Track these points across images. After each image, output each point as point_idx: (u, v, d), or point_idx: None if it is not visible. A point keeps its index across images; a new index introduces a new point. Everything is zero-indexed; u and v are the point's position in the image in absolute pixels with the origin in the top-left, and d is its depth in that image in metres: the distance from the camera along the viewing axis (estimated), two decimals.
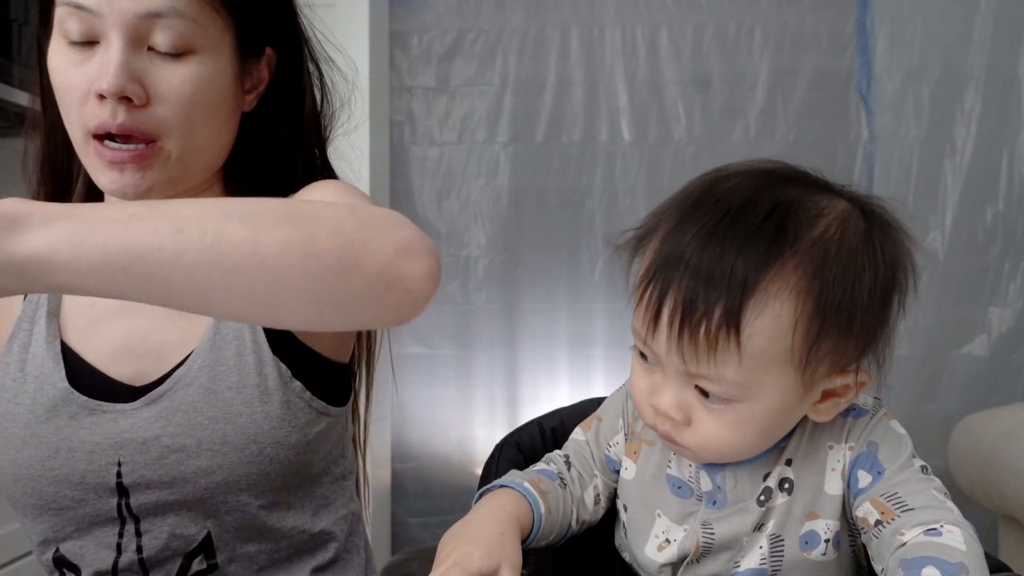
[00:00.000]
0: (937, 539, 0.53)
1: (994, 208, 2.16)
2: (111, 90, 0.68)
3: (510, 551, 0.60)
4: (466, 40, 2.28)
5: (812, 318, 0.54)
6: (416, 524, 2.29)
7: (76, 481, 0.74)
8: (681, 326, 0.54)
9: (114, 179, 0.72)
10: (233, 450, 0.73)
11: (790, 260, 0.54)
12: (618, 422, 0.72)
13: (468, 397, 2.31)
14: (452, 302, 2.30)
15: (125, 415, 0.74)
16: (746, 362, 0.54)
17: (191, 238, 0.48)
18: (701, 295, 0.53)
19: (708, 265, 0.54)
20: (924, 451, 0.63)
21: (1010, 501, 1.47)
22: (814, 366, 0.55)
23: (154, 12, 0.69)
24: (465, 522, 0.64)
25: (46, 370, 0.77)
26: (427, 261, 0.54)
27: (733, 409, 0.57)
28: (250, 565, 0.77)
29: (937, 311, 2.16)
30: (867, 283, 0.56)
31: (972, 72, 2.15)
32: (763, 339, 0.53)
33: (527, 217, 2.28)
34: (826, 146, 2.20)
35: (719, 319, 0.53)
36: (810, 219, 0.55)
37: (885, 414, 0.62)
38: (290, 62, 0.83)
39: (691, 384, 0.57)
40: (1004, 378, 2.14)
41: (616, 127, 2.26)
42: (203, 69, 0.73)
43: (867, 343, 0.59)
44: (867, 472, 0.59)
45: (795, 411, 0.59)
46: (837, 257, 0.55)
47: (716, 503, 0.63)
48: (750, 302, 0.53)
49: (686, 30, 2.22)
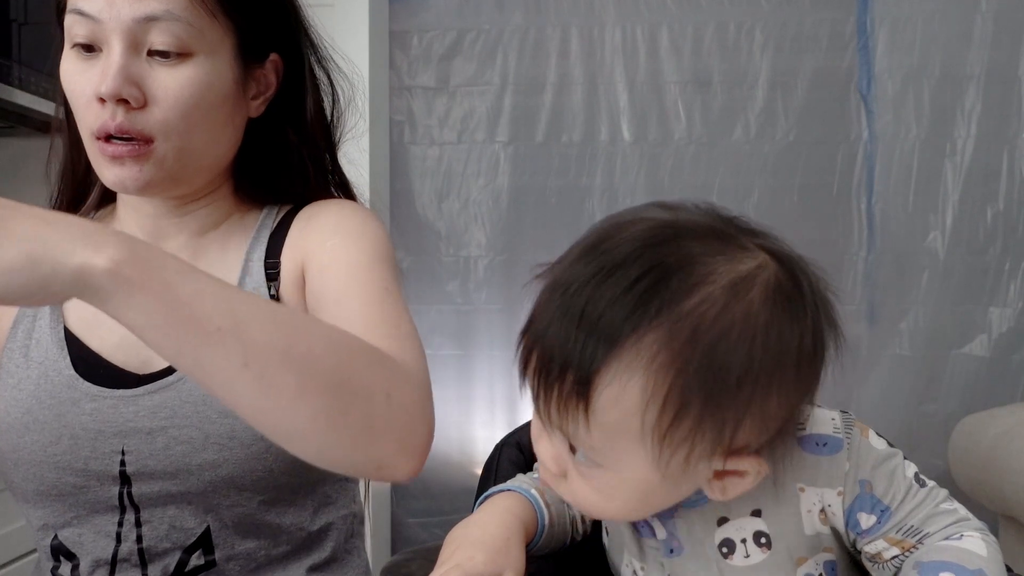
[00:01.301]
0: (957, 543, 0.52)
1: (994, 208, 2.16)
2: (109, 93, 0.70)
3: (514, 557, 0.59)
4: (466, 40, 2.28)
5: (668, 399, 0.49)
6: (416, 524, 2.29)
7: (79, 468, 0.74)
8: (539, 385, 0.53)
9: (116, 173, 0.74)
10: (240, 445, 0.73)
11: (649, 333, 0.49)
12: None
13: (468, 397, 2.30)
14: (452, 302, 2.30)
15: (127, 401, 0.75)
16: (597, 432, 0.51)
17: (250, 375, 0.54)
18: (557, 359, 0.51)
19: (565, 331, 0.51)
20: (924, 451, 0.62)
21: (1010, 501, 1.47)
22: (672, 450, 0.50)
23: (151, 16, 0.71)
24: (471, 523, 0.64)
25: (50, 356, 0.78)
26: (418, 459, 0.63)
27: (600, 474, 0.54)
28: (247, 563, 0.77)
29: (937, 311, 2.16)
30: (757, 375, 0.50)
31: (972, 72, 2.15)
32: (612, 414, 0.50)
33: (527, 217, 2.28)
34: (826, 146, 2.20)
35: (569, 387, 0.50)
36: (688, 287, 0.49)
37: (860, 433, 0.56)
38: (296, 68, 0.84)
39: (563, 439, 0.54)
40: (1004, 378, 2.14)
41: (616, 127, 2.26)
42: (200, 72, 0.74)
43: (759, 428, 0.52)
44: (869, 513, 0.55)
45: (674, 487, 0.54)
46: (710, 331, 0.49)
47: (673, 551, 0.60)
48: (599, 377, 0.49)
49: (686, 30, 2.22)
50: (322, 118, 0.87)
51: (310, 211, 0.83)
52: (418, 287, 2.25)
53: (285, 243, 0.81)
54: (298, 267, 0.79)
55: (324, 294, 0.75)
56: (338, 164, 0.89)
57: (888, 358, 2.18)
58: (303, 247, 0.80)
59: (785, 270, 0.52)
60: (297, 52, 0.84)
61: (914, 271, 2.18)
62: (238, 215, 0.84)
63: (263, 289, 0.78)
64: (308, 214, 0.83)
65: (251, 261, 0.80)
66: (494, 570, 0.57)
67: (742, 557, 0.57)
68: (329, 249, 0.77)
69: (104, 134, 0.72)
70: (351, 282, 0.74)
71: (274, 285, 0.79)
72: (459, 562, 0.58)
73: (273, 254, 0.81)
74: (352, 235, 0.78)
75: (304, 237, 0.80)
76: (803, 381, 0.53)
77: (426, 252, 2.31)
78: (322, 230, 0.79)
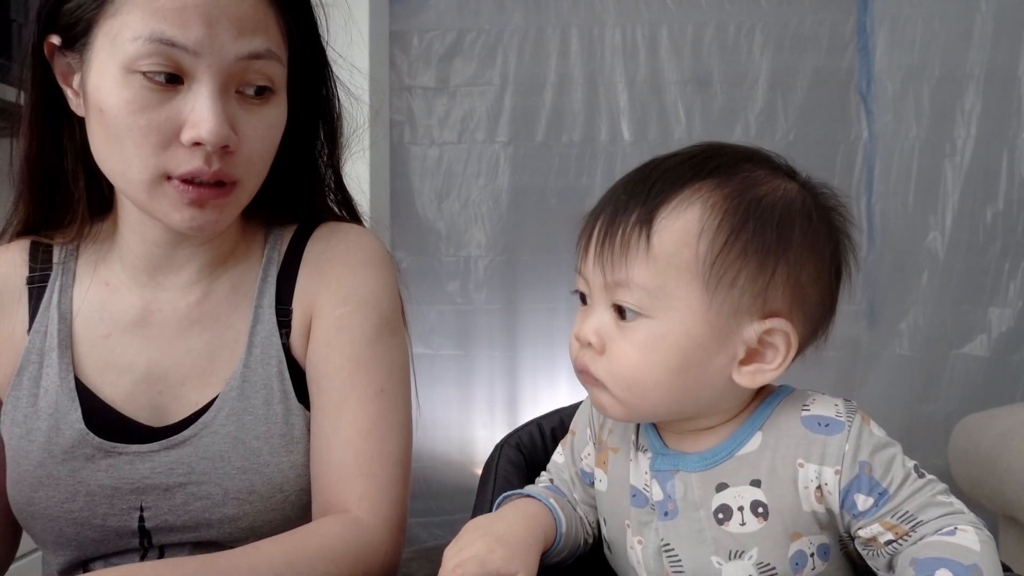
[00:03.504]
0: (951, 539, 0.52)
1: (994, 208, 2.16)
2: (215, 140, 0.65)
3: (531, 562, 0.59)
4: (466, 40, 2.28)
5: (719, 228, 0.56)
6: (416, 524, 2.29)
7: (97, 524, 0.74)
8: (604, 236, 0.59)
9: (194, 215, 0.69)
10: (260, 499, 0.73)
11: (709, 180, 0.58)
12: (587, 432, 0.71)
13: (468, 397, 2.31)
14: (452, 302, 2.30)
15: (143, 457, 0.74)
16: (653, 263, 0.56)
17: None
18: (623, 208, 0.59)
19: (631, 188, 0.60)
20: (924, 451, 0.62)
21: (1010, 501, 1.47)
22: (718, 279, 0.56)
23: (255, 54, 0.67)
24: (496, 518, 0.64)
25: (61, 408, 0.74)
26: None
27: (644, 327, 0.57)
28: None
29: (937, 311, 2.16)
30: (793, 229, 0.57)
31: (972, 72, 2.15)
32: (671, 240, 0.56)
33: (527, 217, 2.28)
34: (826, 146, 2.21)
35: (633, 222, 0.57)
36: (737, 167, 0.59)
37: (862, 420, 0.58)
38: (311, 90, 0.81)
39: (610, 304, 0.59)
40: (1004, 378, 2.14)
41: (616, 127, 2.26)
42: (278, 111, 0.72)
43: (792, 293, 0.57)
44: (867, 495, 0.55)
45: (712, 354, 0.57)
46: (756, 188, 0.58)
47: (668, 514, 0.61)
48: (662, 208, 0.57)
49: (686, 30, 2.22)
50: (332, 139, 0.84)
51: (319, 250, 0.81)
52: (418, 287, 2.25)
53: (296, 289, 0.79)
54: (307, 318, 0.78)
55: (323, 385, 0.76)
56: (343, 183, 0.87)
57: (888, 358, 2.18)
58: (313, 302, 0.79)
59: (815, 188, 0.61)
60: (318, 76, 0.81)
61: (914, 271, 2.18)
62: (244, 244, 0.82)
63: (275, 338, 0.77)
64: (317, 255, 0.80)
65: (261, 308, 0.78)
66: (510, 569, 0.58)
67: (738, 524, 0.58)
68: (337, 319, 0.77)
69: (191, 178, 0.67)
70: (352, 381, 0.75)
71: (285, 333, 0.78)
72: (478, 553, 0.58)
73: (283, 299, 0.79)
74: (361, 304, 0.78)
75: (315, 290, 0.79)
76: (828, 274, 0.59)
77: (426, 252, 2.31)
78: (333, 293, 0.78)
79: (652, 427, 0.64)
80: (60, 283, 0.79)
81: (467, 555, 0.58)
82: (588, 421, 0.71)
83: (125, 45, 0.64)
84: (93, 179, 0.77)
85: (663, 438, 0.63)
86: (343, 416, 0.75)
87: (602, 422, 0.69)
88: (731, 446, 0.59)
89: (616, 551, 0.67)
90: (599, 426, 0.69)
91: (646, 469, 0.62)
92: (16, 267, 0.80)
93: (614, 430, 0.67)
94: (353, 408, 0.75)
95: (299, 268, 0.80)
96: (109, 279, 0.79)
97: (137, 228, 0.76)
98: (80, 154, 0.75)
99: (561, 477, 0.72)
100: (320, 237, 0.82)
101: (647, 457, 0.63)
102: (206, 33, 0.64)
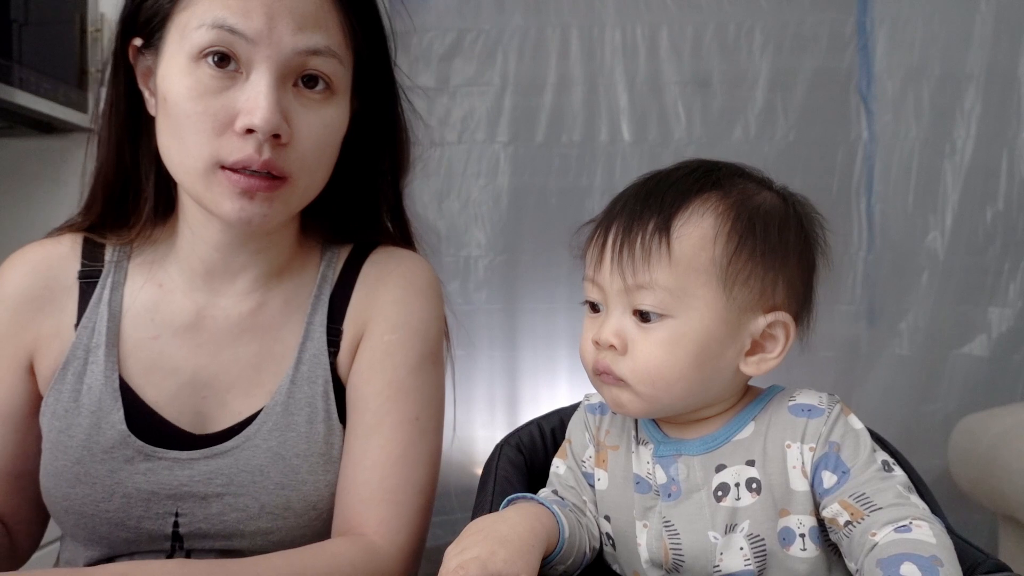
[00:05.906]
0: (908, 535, 0.55)
1: (994, 208, 2.16)
2: (266, 128, 0.66)
3: (532, 565, 0.60)
4: (466, 40, 2.28)
5: (731, 233, 0.62)
6: None
7: (132, 525, 0.74)
8: (622, 244, 0.63)
9: (243, 206, 0.69)
10: (294, 515, 0.74)
11: (714, 192, 0.64)
12: (585, 436, 0.73)
13: (468, 397, 2.31)
14: (452, 302, 2.30)
15: (182, 464, 0.74)
16: (675, 266, 0.61)
17: None
18: (637, 218, 0.63)
19: (644, 198, 0.65)
20: (924, 451, 0.63)
21: (1010, 501, 1.47)
22: (733, 279, 0.62)
23: (313, 49, 0.68)
24: (500, 519, 0.64)
25: (104, 407, 0.74)
26: None
27: (666, 326, 0.62)
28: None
29: (937, 311, 2.16)
30: (789, 232, 0.64)
31: (972, 72, 2.15)
32: (689, 245, 0.62)
33: (527, 217, 2.28)
34: (826, 146, 2.21)
35: (652, 229, 0.62)
36: (732, 180, 0.66)
37: (842, 410, 0.63)
38: (382, 108, 0.82)
39: (630, 309, 0.63)
40: (1004, 378, 2.14)
41: (616, 127, 2.26)
42: (337, 112, 0.72)
43: (788, 288, 0.64)
44: (832, 472, 0.60)
45: (725, 347, 0.63)
46: (752, 199, 0.64)
47: (671, 495, 0.64)
48: (678, 216, 0.63)
49: (686, 30, 2.23)
50: (398, 161, 0.85)
51: (375, 273, 0.82)
52: None
53: (348, 308, 0.80)
54: (357, 339, 0.79)
55: (360, 406, 0.77)
56: (402, 207, 0.88)
57: (888, 358, 2.18)
58: (365, 323, 0.79)
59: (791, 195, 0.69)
60: (386, 95, 0.82)
61: (914, 271, 2.18)
62: (300, 259, 0.82)
63: (324, 357, 0.78)
64: (374, 278, 0.81)
65: (312, 325, 0.79)
66: (512, 572, 0.58)
67: (733, 499, 0.62)
68: (385, 344, 0.78)
69: (243, 167, 0.67)
70: (389, 407, 0.76)
71: (333, 352, 0.78)
72: (480, 554, 0.58)
73: (335, 318, 0.79)
74: (411, 333, 0.79)
75: (368, 313, 0.80)
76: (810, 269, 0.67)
77: (426, 252, 2.30)
78: (386, 318, 0.79)
79: (652, 422, 0.68)
80: (112, 281, 0.79)
81: (469, 556, 0.58)
82: (584, 426, 0.73)
83: (192, 34, 0.67)
84: (161, 180, 0.78)
85: (663, 430, 0.67)
86: (375, 439, 0.75)
87: (599, 424, 0.71)
88: (728, 432, 0.65)
89: (621, 544, 0.68)
90: (596, 428, 0.72)
91: (648, 459, 0.66)
92: (69, 261, 0.80)
93: (611, 431, 0.70)
94: (386, 433, 0.76)
95: (353, 289, 0.80)
96: (164, 281, 0.79)
97: (197, 230, 0.76)
98: (154, 157, 0.76)
99: (566, 485, 0.73)
100: (377, 261, 0.83)
101: (648, 448, 0.67)
102: (266, 24, 0.66)
